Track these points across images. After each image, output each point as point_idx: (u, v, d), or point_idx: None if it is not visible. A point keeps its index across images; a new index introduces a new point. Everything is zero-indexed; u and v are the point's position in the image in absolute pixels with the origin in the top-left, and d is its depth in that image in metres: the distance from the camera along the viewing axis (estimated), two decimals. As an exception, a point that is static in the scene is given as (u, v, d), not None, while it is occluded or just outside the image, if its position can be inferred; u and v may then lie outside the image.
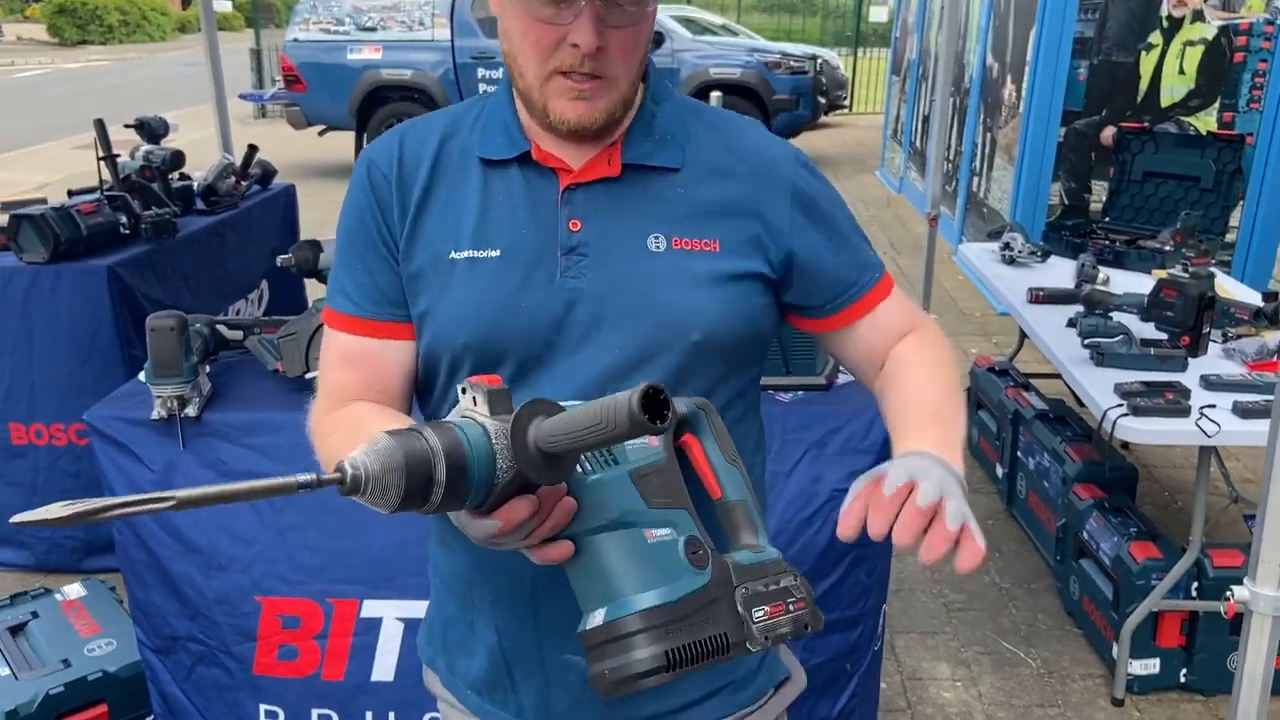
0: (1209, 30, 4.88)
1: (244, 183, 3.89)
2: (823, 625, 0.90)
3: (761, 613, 0.85)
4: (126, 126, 3.70)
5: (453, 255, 1.05)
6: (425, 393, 1.13)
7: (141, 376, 2.15)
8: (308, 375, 2.11)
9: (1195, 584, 2.53)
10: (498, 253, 1.04)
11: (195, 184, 3.71)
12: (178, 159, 3.59)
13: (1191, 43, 4.93)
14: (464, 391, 0.83)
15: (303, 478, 0.71)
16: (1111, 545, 2.68)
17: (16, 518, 0.63)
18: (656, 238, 1.05)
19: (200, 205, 3.67)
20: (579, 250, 1.04)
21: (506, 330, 1.03)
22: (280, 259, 2.50)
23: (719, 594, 0.84)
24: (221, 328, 2.28)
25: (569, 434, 0.75)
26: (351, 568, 2.04)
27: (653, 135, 1.08)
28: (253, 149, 4.00)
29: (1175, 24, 4.92)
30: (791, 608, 0.88)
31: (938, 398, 1.07)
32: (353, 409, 1.06)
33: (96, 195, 3.17)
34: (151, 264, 3.11)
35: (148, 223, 3.13)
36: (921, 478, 0.89)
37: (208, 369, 2.22)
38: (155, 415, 2.06)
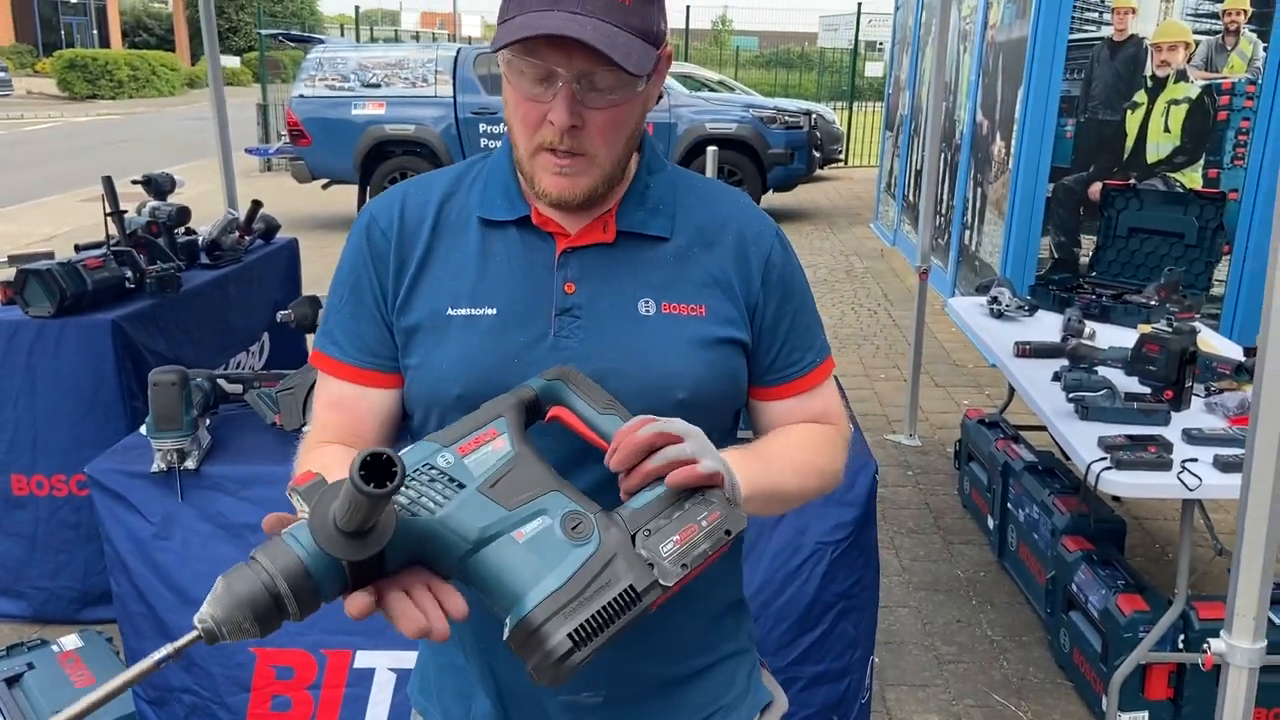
0: (1192, 90, 5.00)
1: (248, 238, 3.97)
2: (746, 523, 0.91)
3: (670, 544, 0.86)
4: (134, 183, 3.78)
5: (450, 311, 1.10)
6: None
7: (143, 430, 2.19)
8: (305, 428, 2.15)
9: (1181, 636, 2.55)
10: (494, 311, 1.09)
11: (200, 239, 3.79)
12: (183, 215, 3.67)
13: (1176, 101, 5.04)
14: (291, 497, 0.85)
15: (160, 654, 0.76)
16: (1099, 598, 2.70)
17: None
18: (647, 302, 1.10)
19: (204, 259, 3.75)
20: (573, 312, 1.09)
21: (500, 387, 1.06)
22: (280, 315, 2.56)
23: (614, 551, 0.85)
24: (221, 382, 2.33)
25: (344, 514, 0.78)
26: (345, 618, 2.05)
27: (646, 205, 1.14)
28: (257, 204, 4.08)
29: (1160, 83, 5.04)
30: (705, 523, 0.88)
31: (783, 448, 1.11)
32: (325, 453, 1.10)
33: (103, 250, 3.23)
34: (155, 318, 3.17)
35: (152, 277, 3.20)
36: (672, 427, 0.92)
37: (208, 422, 2.27)
38: (155, 468, 2.11)
